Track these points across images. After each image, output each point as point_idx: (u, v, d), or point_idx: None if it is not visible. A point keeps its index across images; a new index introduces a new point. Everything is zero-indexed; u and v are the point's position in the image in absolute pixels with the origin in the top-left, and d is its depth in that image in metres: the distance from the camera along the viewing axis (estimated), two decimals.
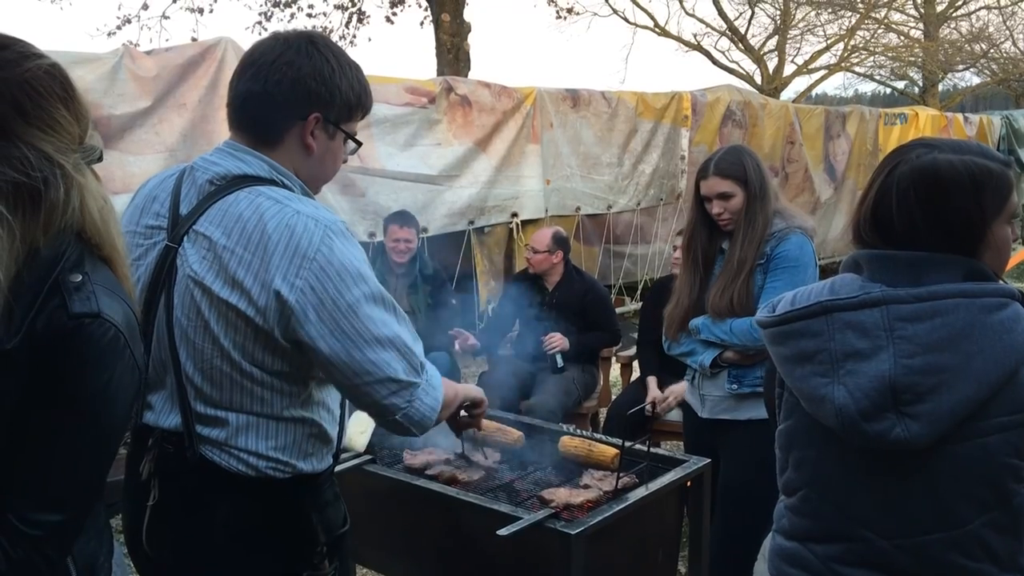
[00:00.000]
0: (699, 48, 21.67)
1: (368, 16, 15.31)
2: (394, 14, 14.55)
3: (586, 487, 2.46)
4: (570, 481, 2.56)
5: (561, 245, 4.92)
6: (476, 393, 1.97)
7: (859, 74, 24.46)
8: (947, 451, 1.38)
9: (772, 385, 1.68)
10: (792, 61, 22.18)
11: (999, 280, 1.44)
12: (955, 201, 1.41)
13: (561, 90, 7.35)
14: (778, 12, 21.14)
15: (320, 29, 14.04)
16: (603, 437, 2.84)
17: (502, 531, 2.14)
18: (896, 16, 22.22)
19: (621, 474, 2.44)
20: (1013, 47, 24.17)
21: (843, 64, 21.96)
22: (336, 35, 14.64)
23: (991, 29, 23.49)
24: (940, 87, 23.82)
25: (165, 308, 1.58)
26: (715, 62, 21.68)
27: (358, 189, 5.80)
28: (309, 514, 1.65)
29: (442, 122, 6.39)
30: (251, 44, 1.69)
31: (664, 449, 3.08)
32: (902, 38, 22.47)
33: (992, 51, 23.39)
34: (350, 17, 15.10)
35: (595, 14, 20.81)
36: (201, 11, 14.02)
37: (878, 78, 25.21)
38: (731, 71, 21.64)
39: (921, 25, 22.51)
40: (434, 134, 6.34)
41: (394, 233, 4.91)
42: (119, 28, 13.98)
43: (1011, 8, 22.32)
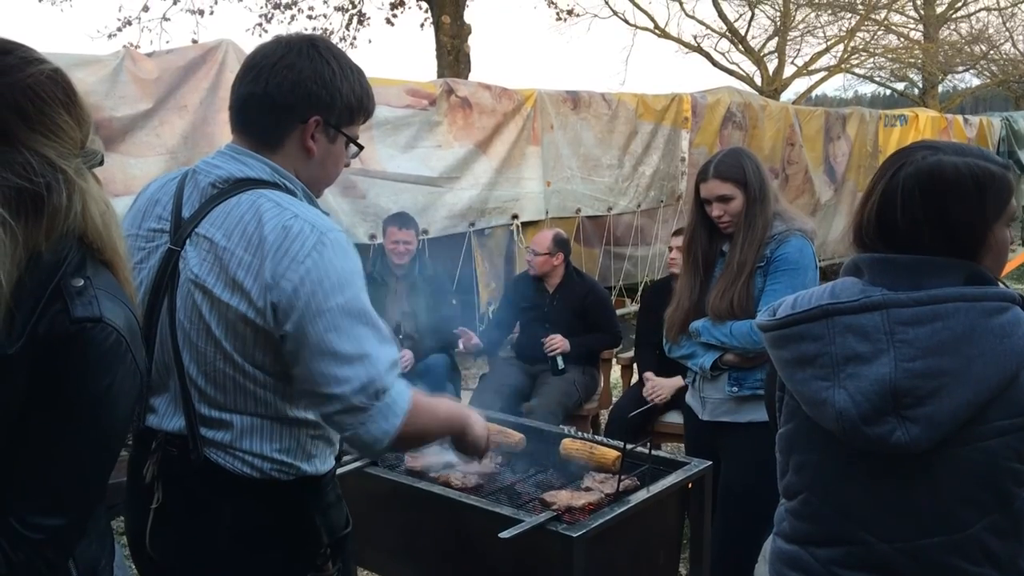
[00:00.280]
0: (699, 50, 21.67)
1: (368, 18, 15.34)
2: (394, 16, 14.56)
3: (588, 489, 2.46)
4: (572, 483, 2.56)
5: (562, 247, 4.93)
6: (478, 430, 1.82)
7: (859, 75, 24.49)
8: (948, 454, 1.38)
9: (773, 388, 1.68)
10: (792, 63, 22.20)
11: (999, 283, 1.44)
12: (959, 203, 1.41)
13: (561, 92, 7.35)
14: (778, 14, 21.14)
15: (320, 31, 14.06)
16: (604, 439, 2.84)
17: (504, 533, 2.14)
18: (896, 18, 22.24)
19: (623, 476, 2.44)
20: (1013, 48, 24.18)
21: (843, 66, 21.97)
22: (336, 37, 14.65)
23: (991, 31, 23.53)
24: (940, 88, 23.82)
25: (168, 311, 1.58)
26: (715, 64, 21.70)
27: (359, 191, 5.81)
28: (312, 516, 1.65)
29: (443, 124, 6.39)
30: (253, 47, 1.69)
31: (665, 451, 3.08)
32: (902, 39, 22.47)
33: (992, 52, 23.39)
34: (350, 19, 15.12)
35: (595, 16, 20.88)
36: (201, 13, 14.05)
37: (878, 79, 25.24)
38: (731, 73, 21.65)
39: (921, 27, 22.52)
40: (435, 136, 6.34)
41: (393, 235, 4.91)
42: (119, 30, 14.01)
43: (1011, 10, 22.34)
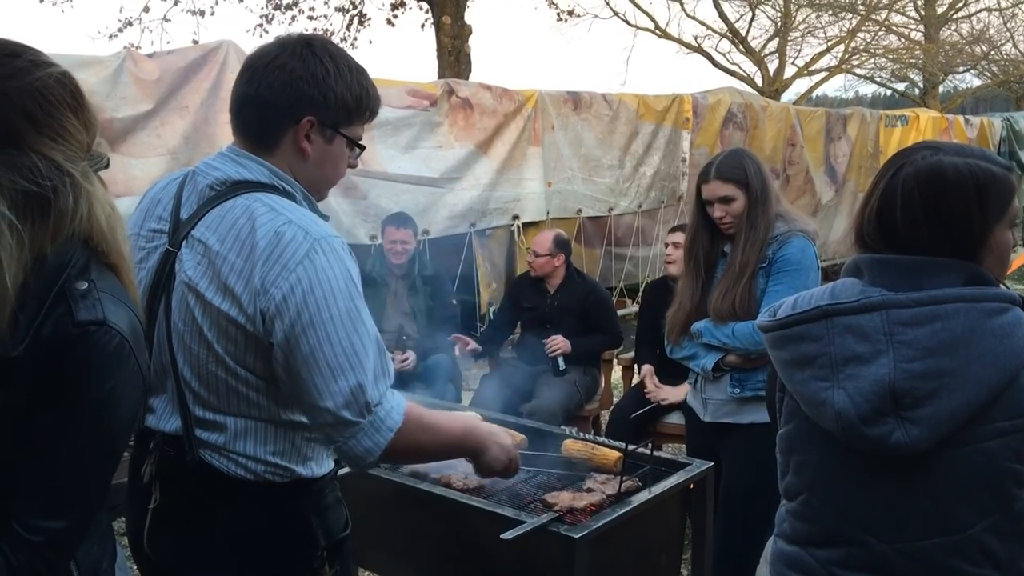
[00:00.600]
0: (700, 50, 21.69)
1: (369, 19, 15.34)
2: (395, 16, 14.57)
3: (589, 490, 2.45)
4: (573, 484, 2.56)
5: (563, 248, 4.93)
6: (495, 452, 1.75)
7: (860, 76, 24.48)
8: (947, 455, 1.38)
9: (773, 389, 1.68)
10: (793, 63, 22.22)
11: (1000, 285, 1.44)
12: (959, 203, 1.41)
13: (562, 92, 7.34)
14: (779, 14, 21.15)
15: (321, 32, 14.06)
16: (606, 440, 2.84)
17: (506, 535, 2.13)
18: (897, 18, 22.25)
19: (624, 477, 2.43)
20: (1014, 49, 24.18)
21: (844, 66, 21.97)
22: (337, 38, 14.65)
23: (991, 31, 23.53)
24: (940, 89, 23.82)
25: (164, 313, 1.58)
26: (716, 64, 21.71)
27: (360, 192, 5.80)
28: (309, 518, 1.64)
29: (443, 125, 6.38)
30: (254, 48, 1.68)
31: (666, 452, 3.07)
32: (903, 40, 22.48)
33: (992, 53, 23.39)
34: (351, 20, 15.14)
35: (596, 16, 20.90)
36: (202, 13, 14.07)
37: (879, 80, 25.25)
38: (732, 73, 21.66)
39: (922, 27, 22.53)
40: (435, 137, 6.33)
41: (391, 235, 4.91)
42: (120, 31, 14.03)
43: (1012, 10, 22.34)
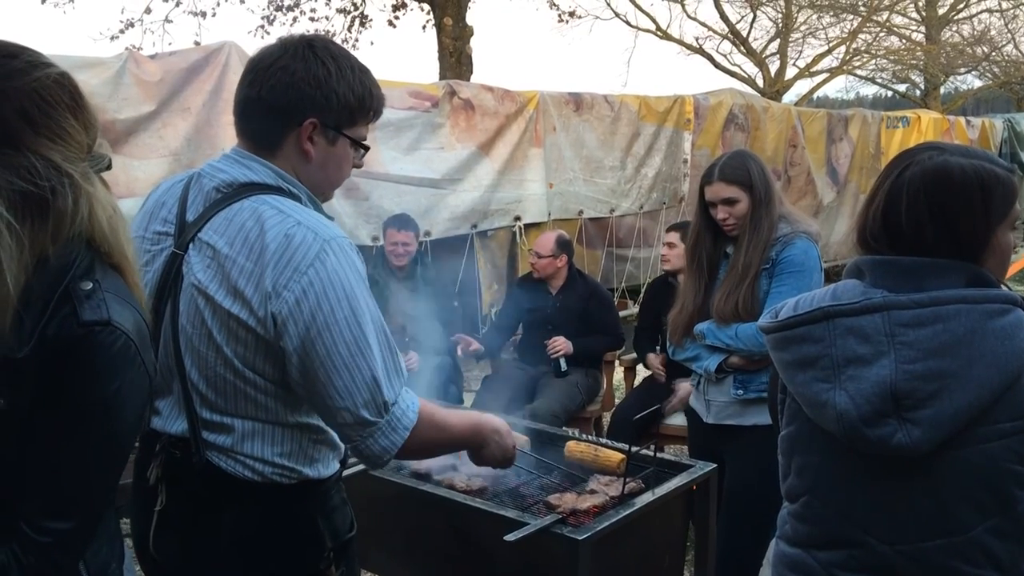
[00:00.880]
0: (701, 51, 21.69)
1: (370, 20, 15.32)
2: (396, 18, 14.55)
3: (592, 492, 2.45)
4: (576, 486, 2.55)
5: (565, 249, 4.93)
6: (492, 450, 1.86)
7: (861, 77, 24.47)
8: (949, 457, 1.38)
9: (775, 391, 1.68)
10: (794, 64, 22.22)
11: (1001, 286, 1.44)
12: (964, 204, 1.41)
13: (564, 94, 7.34)
14: (780, 15, 21.15)
15: (322, 33, 14.05)
16: (609, 442, 2.83)
17: (509, 536, 2.13)
18: (898, 19, 22.24)
19: (627, 479, 2.43)
20: (1015, 50, 24.17)
21: (845, 67, 21.95)
22: (338, 39, 14.63)
23: (993, 32, 23.53)
24: (942, 90, 23.82)
25: (171, 315, 1.58)
26: (717, 65, 21.70)
27: (361, 193, 5.80)
28: (315, 519, 1.64)
29: (445, 126, 6.38)
30: (255, 49, 1.68)
31: (669, 454, 3.07)
32: (904, 41, 22.46)
33: (994, 54, 23.39)
34: (352, 21, 15.13)
35: (597, 17, 20.98)
36: (204, 15, 14.04)
37: (880, 81, 25.23)
38: (733, 74, 21.65)
39: (923, 28, 22.52)
40: (437, 138, 6.33)
41: (392, 237, 4.91)
42: (122, 32, 14.00)
43: (1013, 11, 22.33)
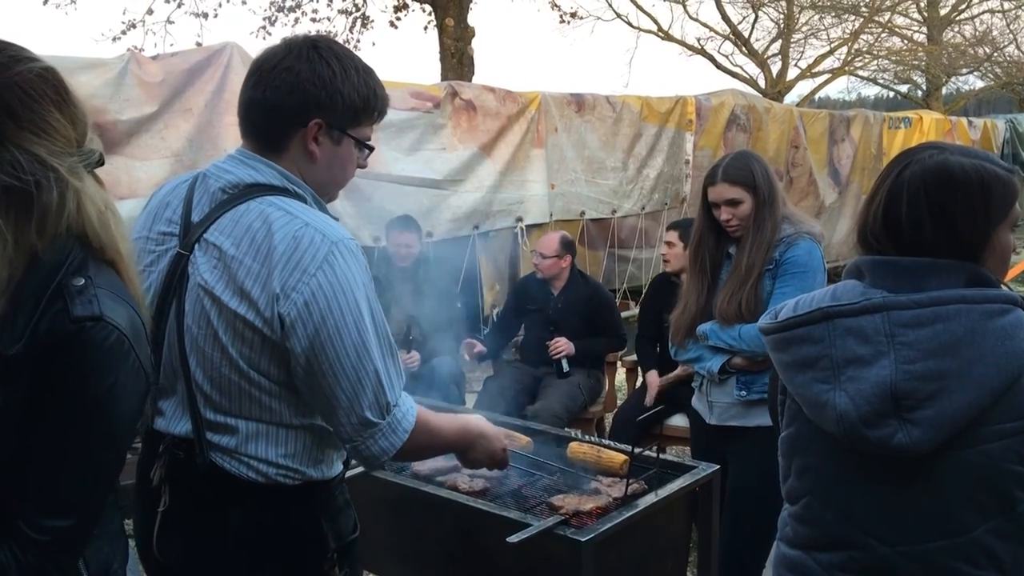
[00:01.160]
0: (703, 52, 21.68)
1: (372, 21, 15.32)
2: (398, 19, 14.55)
3: (595, 493, 2.45)
4: (579, 487, 2.55)
5: (569, 249, 4.93)
6: (477, 454, 1.85)
7: (862, 78, 24.48)
8: (949, 457, 1.38)
9: (775, 392, 1.68)
10: (796, 65, 22.23)
11: (1001, 286, 1.44)
12: (964, 202, 1.41)
13: (566, 94, 7.33)
14: (781, 16, 21.15)
15: (324, 34, 14.05)
16: (612, 443, 2.82)
17: (512, 538, 2.12)
18: (900, 20, 22.25)
19: (630, 480, 2.43)
20: (1017, 50, 24.16)
21: (846, 68, 21.94)
22: (340, 40, 14.54)
23: (995, 33, 23.52)
24: (944, 91, 23.82)
25: (176, 315, 1.58)
26: (719, 66, 21.69)
27: (364, 194, 5.79)
28: (319, 520, 1.64)
29: (447, 127, 6.38)
30: (258, 50, 1.69)
31: (672, 455, 3.07)
32: (906, 42, 22.46)
33: (995, 54, 23.38)
34: (354, 22, 15.14)
35: (598, 18, 20.93)
36: (205, 16, 14.04)
37: (881, 82, 25.23)
38: (735, 75, 21.64)
39: (925, 29, 22.52)
40: (439, 139, 6.33)
41: (395, 238, 4.92)
42: (124, 33, 14.00)
43: (1015, 12, 22.32)
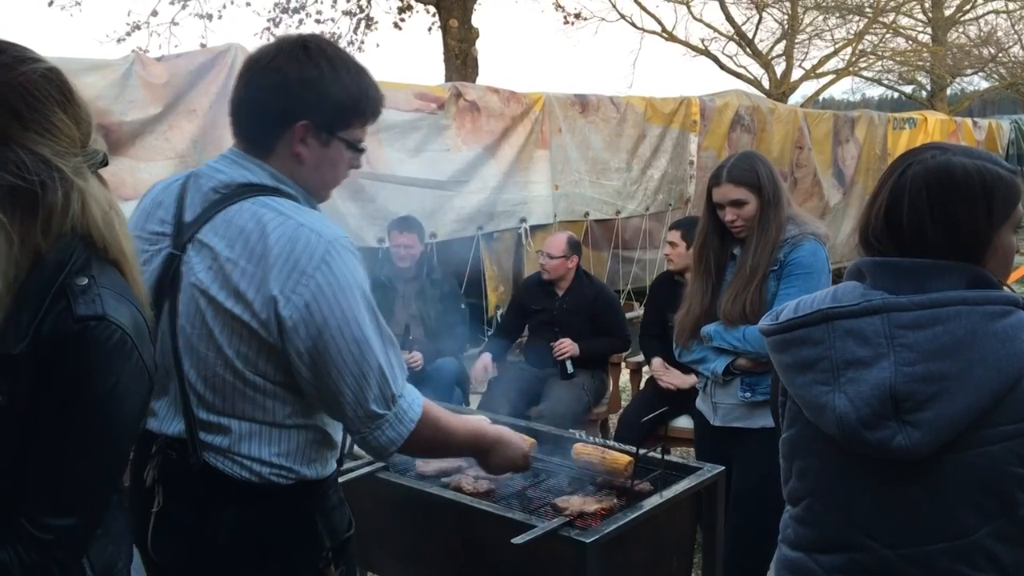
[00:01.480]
0: (707, 53, 21.63)
1: (376, 22, 15.34)
2: (402, 20, 14.56)
3: (600, 494, 2.44)
4: (583, 488, 2.55)
5: (575, 250, 4.93)
6: (497, 459, 1.90)
7: (867, 78, 24.41)
8: (950, 459, 1.37)
9: (776, 393, 1.67)
10: (800, 66, 22.14)
11: (1003, 288, 1.43)
12: (966, 203, 1.41)
13: (570, 95, 7.33)
14: (786, 17, 21.10)
15: (328, 35, 14.07)
16: (616, 444, 2.82)
17: (516, 539, 2.12)
18: (904, 20, 22.18)
19: (635, 481, 2.42)
20: (1021, 51, 24.09)
21: (851, 69, 21.89)
22: (344, 41, 14.65)
23: (999, 33, 23.44)
24: (948, 91, 23.76)
25: (169, 315, 1.58)
26: (723, 67, 21.65)
27: (367, 195, 5.80)
28: (314, 519, 1.64)
29: (451, 128, 6.38)
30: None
31: (676, 456, 3.06)
32: (910, 42, 22.42)
33: (1000, 55, 23.31)
34: (358, 23, 15.13)
35: (602, 19, 20.80)
36: (210, 17, 14.05)
37: (886, 83, 25.17)
38: (739, 76, 21.60)
39: (929, 29, 22.46)
40: (443, 140, 6.33)
41: (396, 239, 4.91)
42: (128, 34, 14.01)
43: (1019, 12, 22.26)
